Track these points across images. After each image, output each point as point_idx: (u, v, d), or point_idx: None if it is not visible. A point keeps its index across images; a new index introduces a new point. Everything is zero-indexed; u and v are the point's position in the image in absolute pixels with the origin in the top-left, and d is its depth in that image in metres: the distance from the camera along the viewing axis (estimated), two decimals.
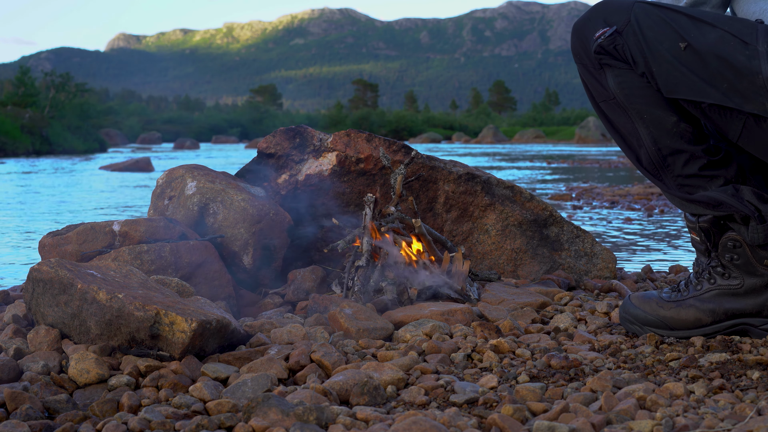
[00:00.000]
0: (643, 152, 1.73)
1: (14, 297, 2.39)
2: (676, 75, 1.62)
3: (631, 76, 1.69)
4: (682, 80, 1.62)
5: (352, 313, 1.92)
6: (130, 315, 1.64)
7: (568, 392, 1.42)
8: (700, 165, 1.69)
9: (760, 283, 1.73)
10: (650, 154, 1.72)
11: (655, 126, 1.70)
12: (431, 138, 47.55)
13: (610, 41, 1.68)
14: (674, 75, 1.63)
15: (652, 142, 1.71)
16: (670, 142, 1.69)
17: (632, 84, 1.69)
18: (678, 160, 1.70)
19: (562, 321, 2.00)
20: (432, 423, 1.19)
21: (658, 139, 1.70)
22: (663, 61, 1.63)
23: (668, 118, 1.69)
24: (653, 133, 1.70)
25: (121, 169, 12.88)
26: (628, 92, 1.70)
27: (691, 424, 1.20)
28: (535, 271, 2.62)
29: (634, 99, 1.70)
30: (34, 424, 1.28)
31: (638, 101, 1.70)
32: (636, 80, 1.69)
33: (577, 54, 1.77)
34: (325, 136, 2.71)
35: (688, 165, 1.70)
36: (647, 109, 1.69)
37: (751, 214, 1.68)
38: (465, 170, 2.68)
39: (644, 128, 1.71)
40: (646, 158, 1.74)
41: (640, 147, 1.74)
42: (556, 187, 8.93)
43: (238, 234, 2.41)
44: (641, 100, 1.69)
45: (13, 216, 6.10)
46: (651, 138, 1.71)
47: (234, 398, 1.42)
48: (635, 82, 1.69)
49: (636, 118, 1.71)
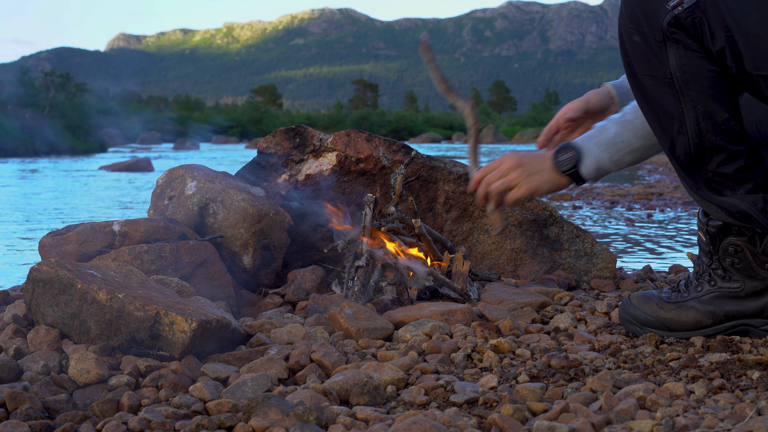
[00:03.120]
0: (682, 140, 1.61)
1: (14, 297, 2.39)
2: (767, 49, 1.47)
3: (698, 60, 1.55)
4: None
5: (352, 313, 1.92)
6: (130, 315, 1.64)
7: (568, 392, 1.42)
8: (737, 167, 1.60)
9: (760, 286, 1.72)
10: (690, 144, 1.60)
11: (706, 119, 1.58)
12: (431, 138, 47.50)
13: (689, 13, 1.51)
14: (764, 49, 1.48)
15: (697, 133, 1.59)
16: (715, 138, 1.59)
17: (697, 69, 1.56)
18: (716, 157, 1.60)
19: (562, 321, 2.00)
20: (432, 423, 1.19)
21: (704, 132, 1.59)
22: (751, 34, 1.48)
23: (721, 114, 1.57)
24: (701, 125, 1.58)
25: (121, 169, 12.88)
26: (688, 76, 1.56)
27: (691, 424, 1.20)
28: (535, 271, 2.62)
29: (692, 85, 1.57)
30: (34, 424, 1.28)
31: (696, 88, 1.57)
32: (702, 65, 1.55)
33: (635, 20, 1.58)
34: (325, 136, 2.71)
35: (725, 164, 1.60)
36: (703, 99, 1.57)
37: None
38: (465, 170, 2.68)
39: (693, 117, 1.58)
40: (683, 147, 1.62)
41: (679, 134, 1.61)
42: None
43: (238, 234, 2.41)
44: (700, 88, 1.56)
45: (13, 216, 6.10)
46: (697, 129, 1.59)
47: (234, 398, 1.42)
48: (700, 67, 1.55)
49: (688, 104, 1.58)
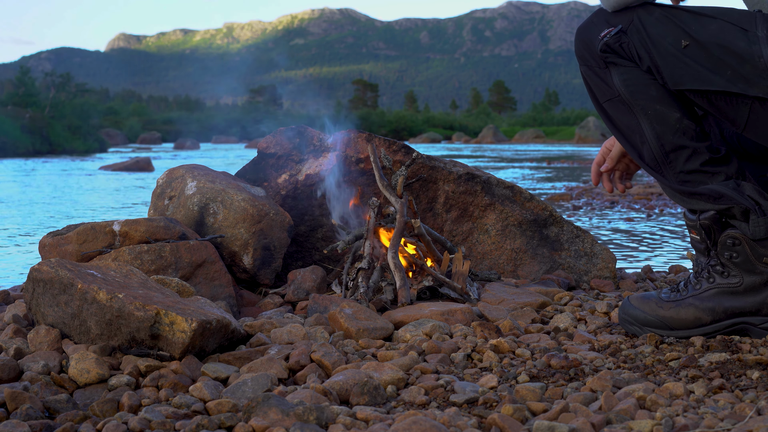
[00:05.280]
0: (646, 149, 1.76)
1: (14, 297, 2.40)
2: (681, 67, 1.67)
3: (636, 73, 1.73)
4: (687, 71, 1.67)
5: (352, 313, 1.93)
6: (130, 315, 1.64)
7: (568, 392, 1.42)
8: (702, 161, 1.71)
9: (759, 281, 1.73)
10: (653, 150, 1.75)
11: (659, 122, 1.72)
12: (431, 138, 47.49)
13: (616, 39, 1.72)
14: (679, 67, 1.67)
15: (656, 138, 1.73)
16: (673, 138, 1.72)
17: (637, 81, 1.73)
18: (680, 155, 1.72)
19: (562, 321, 2.00)
20: (432, 423, 1.19)
21: (661, 135, 1.73)
22: (667, 54, 1.67)
23: (672, 114, 1.72)
24: (657, 129, 1.73)
25: (121, 169, 12.88)
26: (633, 89, 1.74)
27: (690, 424, 1.20)
28: (535, 271, 2.62)
29: (638, 95, 1.73)
30: (34, 424, 1.29)
31: (643, 97, 1.73)
32: (641, 77, 1.73)
33: (581, 56, 1.80)
34: (325, 136, 2.71)
35: (690, 160, 1.72)
36: (651, 105, 1.72)
37: (752, 207, 1.69)
38: (465, 170, 2.68)
39: (648, 124, 1.73)
40: (649, 154, 1.76)
41: (642, 144, 1.76)
42: (556, 187, 8.93)
43: (238, 234, 2.41)
44: (646, 96, 1.73)
45: (14, 216, 6.10)
46: (654, 134, 1.73)
47: (234, 398, 1.43)
48: (640, 78, 1.73)
49: (640, 114, 1.74)
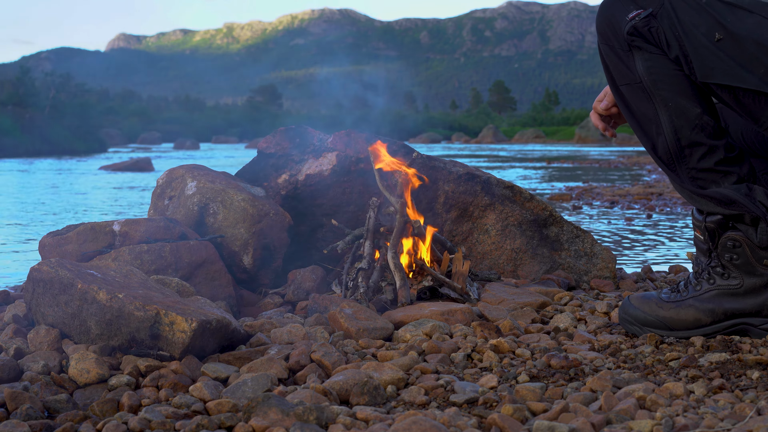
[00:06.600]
0: (661, 140, 1.70)
1: (14, 297, 2.40)
2: (713, 59, 1.60)
3: (662, 62, 1.66)
4: (719, 65, 1.60)
5: (352, 313, 1.93)
6: (130, 315, 1.64)
7: (568, 392, 1.42)
8: (717, 159, 1.67)
9: (759, 282, 1.73)
10: (668, 143, 1.69)
11: (679, 115, 1.67)
12: (431, 138, 47.50)
13: (645, 23, 1.64)
14: (710, 59, 1.60)
15: (673, 131, 1.68)
16: (691, 134, 1.67)
17: (662, 70, 1.66)
18: (696, 152, 1.68)
19: (562, 321, 2.00)
20: (432, 423, 1.19)
21: (679, 129, 1.67)
22: (699, 45, 1.61)
23: (693, 109, 1.66)
24: (675, 123, 1.67)
25: (121, 169, 12.89)
26: (656, 77, 1.67)
27: (690, 424, 1.20)
28: (535, 271, 2.62)
29: (661, 85, 1.67)
30: (34, 424, 1.29)
31: (665, 88, 1.67)
32: (666, 66, 1.66)
33: (602, 33, 1.72)
34: (325, 136, 2.71)
35: (705, 158, 1.68)
36: (673, 98, 1.66)
37: (763, 215, 1.66)
38: (465, 170, 2.67)
39: (667, 116, 1.68)
40: (663, 147, 1.71)
41: (658, 135, 1.70)
42: (556, 187, 8.93)
43: (238, 234, 2.41)
44: (669, 87, 1.67)
45: (13, 216, 6.10)
46: (672, 127, 1.68)
47: (234, 398, 1.43)
48: (665, 68, 1.66)
49: (660, 105, 1.68)
